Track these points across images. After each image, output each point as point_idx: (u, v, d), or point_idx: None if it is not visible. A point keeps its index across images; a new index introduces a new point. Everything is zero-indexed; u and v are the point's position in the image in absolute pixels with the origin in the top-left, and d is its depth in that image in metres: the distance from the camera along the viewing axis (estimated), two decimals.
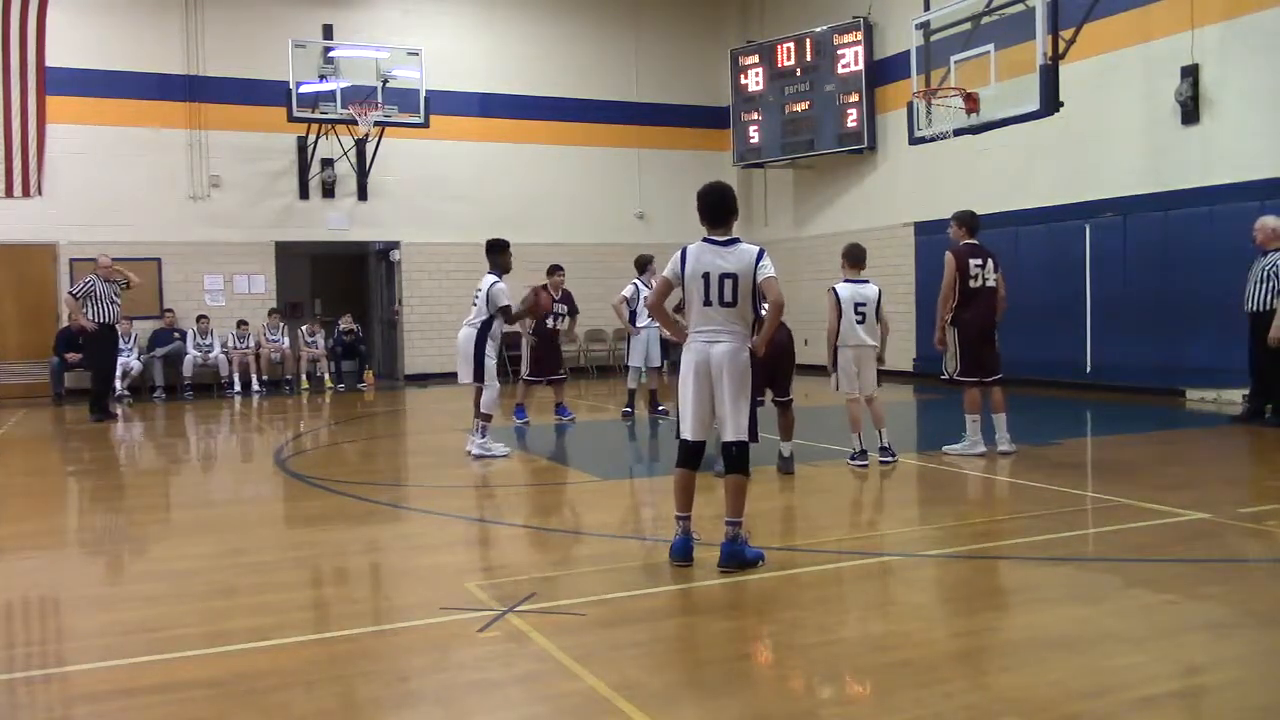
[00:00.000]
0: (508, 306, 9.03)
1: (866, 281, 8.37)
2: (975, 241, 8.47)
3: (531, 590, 4.76)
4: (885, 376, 15.54)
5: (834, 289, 8.33)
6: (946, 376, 8.61)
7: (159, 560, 5.77)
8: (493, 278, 9.06)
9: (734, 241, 5.16)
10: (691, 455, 5.24)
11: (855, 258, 8.36)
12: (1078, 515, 6.44)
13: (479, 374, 8.96)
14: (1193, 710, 3.43)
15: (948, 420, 9.26)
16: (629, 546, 5.92)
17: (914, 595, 4.90)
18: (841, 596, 4.90)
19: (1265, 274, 9.92)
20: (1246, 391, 10.63)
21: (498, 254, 9.23)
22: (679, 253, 5.21)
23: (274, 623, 4.41)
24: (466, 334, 9.05)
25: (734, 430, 5.11)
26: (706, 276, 5.08)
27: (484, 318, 8.95)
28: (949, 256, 8.40)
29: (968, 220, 8.50)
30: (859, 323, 8.24)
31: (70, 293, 13.29)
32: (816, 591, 4.93)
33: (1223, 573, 5.03)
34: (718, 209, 5.17)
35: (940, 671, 3.70)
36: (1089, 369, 13.48)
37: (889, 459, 8.21)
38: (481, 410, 9.02)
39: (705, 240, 5.18)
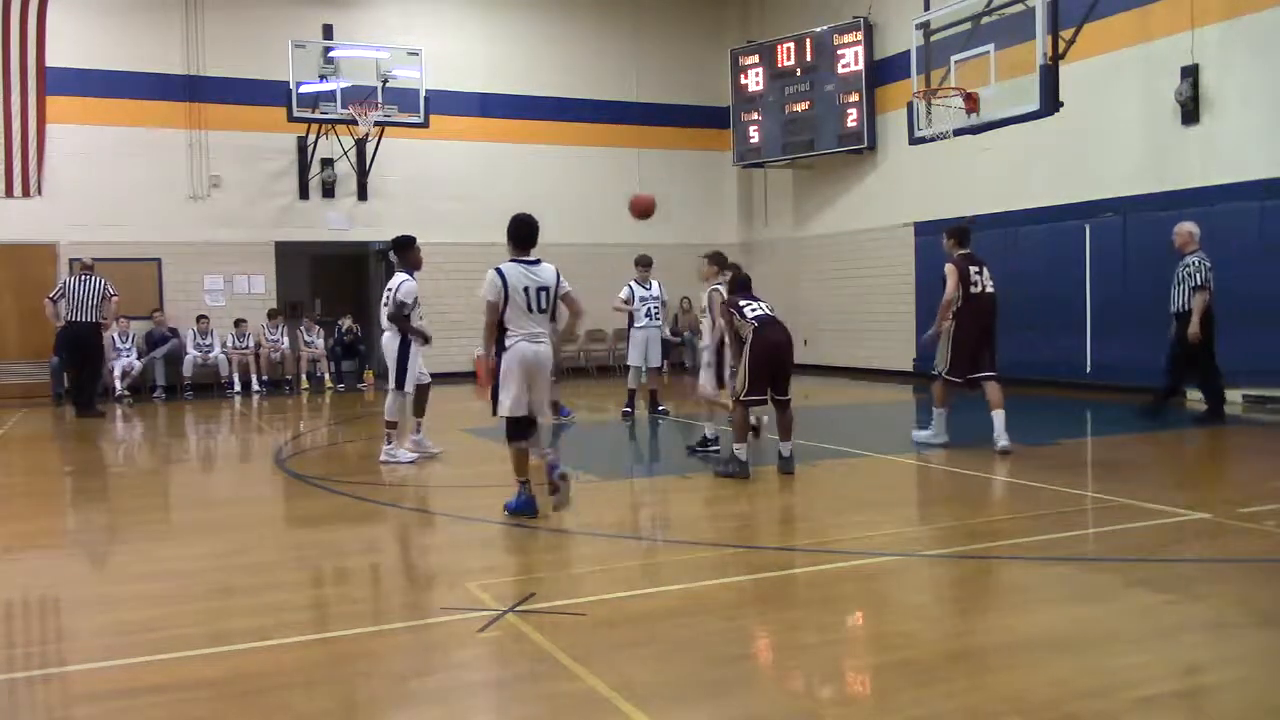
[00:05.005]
0: (403, 304, 8.55)
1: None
2: (969, 251, 8.97)
3: (531, 590, 4.76)
4: (886, 376, 15.52)
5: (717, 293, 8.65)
6: (937, 373, 9.02)
7: (159, 560, 5.77)
8: (403, 276, 8.69)
9: (537, 261, 6.47)
10: (527, 428, 6.48)
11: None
12: (1078, 515, 6.44)
13: (400, 380, 8.66)
14: (1193, 710, 3.43)
15: (948, 420, 9.25)
16: (629, 546, 5.92)
17: (914, 595, 4.90)
18: (841, 596, 4.90)
19: (1180, 276, 10.17)
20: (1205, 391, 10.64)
21: (407, 251, 8.85)
22: (496, 273, 6.31)
23: (274, 623, 4.41)
24: (389, 338, 8.75)
25: (540, 410, 6.57)
26: (527, 290, 6.29)
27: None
28: (950, 268, 8.82)
29: (959, 233, 9.05)
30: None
31: (49, 297, 13.37)
32: (816, 591, 4.93)
33: (1223, 573, 5.03)
34: (529, 237, 6.48)
35: (940, 671, 3.70)
36: (1089, 369, 13.47)
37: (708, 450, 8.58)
38: (386, 417, 8.80)
39: (514, 261, 6.38)
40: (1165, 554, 5.35)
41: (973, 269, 8.79)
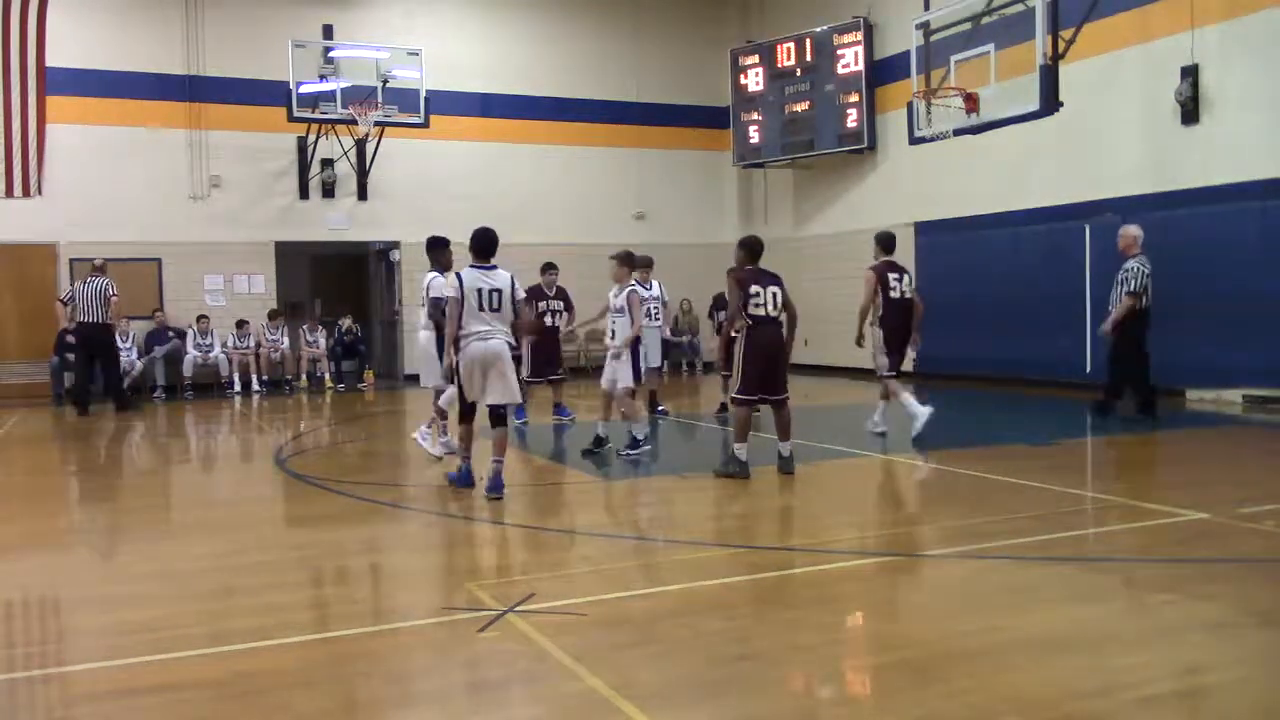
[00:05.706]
0: (439, 299, 8.63)
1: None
2: (891, 259, 9.50)
3: (531, 590, 4.76)
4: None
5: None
6: (881, 374, 9.61)
7: (159, 560, 5.77)
8: (433, 274, 8.96)
9: (494, 267, 7.16)
10: (472, 412, 7.33)
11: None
12: (1078, 515, 6.44)
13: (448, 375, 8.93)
14: (1193, 710, 3.43)
15: (947, 420, 9.28)
16: (629, 546, 5.92)
17: (914, 595, 4.90)
18: (841, 596, 4.90)
19: (1119, 279, 10.39)
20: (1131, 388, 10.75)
21: (438, 251, 9.08)
22: (455, 275, 7.09)
23: (274, 623, 4.41)
24: (426, 337, 9.03)
25: (506, 395, 7.12)
26: (480, 291, 6.98)
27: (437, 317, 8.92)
28: (868, 275, 9.40)
29: (882, 241, 9.61)
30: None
31: (59, 299, 14.07)
32: (816, 591, 4.93)
33: (1223, 573, 5.03)
34: (487, 248, 7.17)
35: (940, 671, 3.70)
36: (1089, 369, 13.46)
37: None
38: (439, 404, 9.03)
39: (473, 266, 7.08)
40: (1165, 554, 5.35)
41: (891, 275, 9.31)
